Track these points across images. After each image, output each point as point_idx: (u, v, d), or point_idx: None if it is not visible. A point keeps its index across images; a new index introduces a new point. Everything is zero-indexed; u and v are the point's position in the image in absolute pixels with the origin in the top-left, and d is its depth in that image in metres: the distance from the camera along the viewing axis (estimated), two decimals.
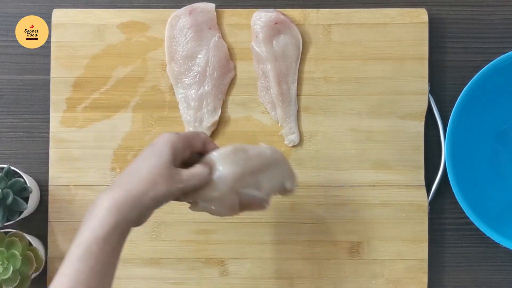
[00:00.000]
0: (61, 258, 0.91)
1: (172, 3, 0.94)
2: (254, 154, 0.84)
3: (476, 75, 0.86)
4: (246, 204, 0.83)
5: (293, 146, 0.92)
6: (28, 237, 0.88)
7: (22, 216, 0.88)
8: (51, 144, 0.92)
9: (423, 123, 0.92)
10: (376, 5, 0.94)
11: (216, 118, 0.92)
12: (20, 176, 0.88)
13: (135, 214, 0.68)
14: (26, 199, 0.87)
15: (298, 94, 0.92)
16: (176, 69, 0.92)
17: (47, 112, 0.93)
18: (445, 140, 0.86)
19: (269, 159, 0.83)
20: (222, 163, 0.78)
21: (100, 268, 0.65)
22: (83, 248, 0.65)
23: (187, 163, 0.75)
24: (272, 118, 0.92)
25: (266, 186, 0.83)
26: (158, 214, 0.91)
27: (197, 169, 0.74)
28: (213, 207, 0.78)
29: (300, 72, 0.92)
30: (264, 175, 0.83)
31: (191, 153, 0.76)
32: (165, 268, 0.91)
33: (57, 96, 0.92)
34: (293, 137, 0.91)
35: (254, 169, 0.81)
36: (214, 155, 0.77)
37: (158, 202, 0.71)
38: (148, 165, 0.70)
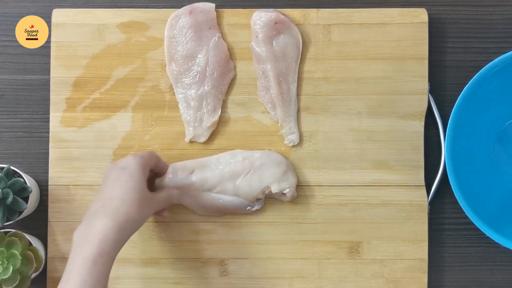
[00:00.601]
0: (61, 258, 0.91)
1: (172, 3, 0.94)
2: (240, 158, 0.89)
3: (476, 75, 0.86)
4: (225, 208, 0.89)
5: (293, 146, 0.92)
6: (28, 237, 0.88)
7: (22, 216, 0.88)
8: (51, 144, 0.92)
9: (423, 123, 0.92)
10: (376, 5, 0.94)
11: (216, 118, 0.92)
12: (20, 176, 0.88)
13: (131, 233, 0.79)
14: (26, 199, 0.87)
15: (298, 94, 0.92)
16: (176, 69, 0.92)
17: (47, 112, 0.93)
18: (445, 140, 0.86)
19: (255, 163, 0.89)
20: (199, 170, 0.89)
21: (103, 278, 0.75)
22: (90, 261, 0.73)
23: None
24: (272, 118, 0.92)
25: (245, 190, 0.88)
26: None
27: (163, 194, 0.86)
28: (192, 209, 0.91)
29: (300, 72, 0.92)
30: (246, 179, 0.88)
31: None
32: (164, 268, 0.91)
33: (57, 96, 0.92)
34: (293, 137, 0.91)
35: (234, 174, 0.88)
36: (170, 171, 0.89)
37: (143, 222, 0.82)
38: (132, 189, 0.80)
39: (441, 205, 0.93)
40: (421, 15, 0.92)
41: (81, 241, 0.75)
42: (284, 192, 0.89)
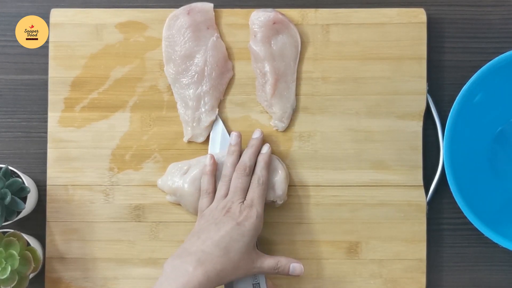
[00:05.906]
0: (59, 258, 0.91)
1: (170, 3, 0.94)
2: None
3: (474, 75, 0.86)
4: None
5: (291, 147, 0.92)
6: (26, 237, 0.88)
7: (20, 216, 0.88)
8: (49, 144, 0.92)
9: (421, 123, 0.92)
10: (374, 5, 0.93)
11: (214, 118, 0.92)
12: (18, 176, 0.88)
13: (217, 284, 0.79)
14: (24, 199, 0.87)
15: (297, 94, 0.92)
16: (174, 69, 0.92)
17: (45, 112, 0.93)
18: (443, 140, 0.86)
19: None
20: None
21: None
22: None
23: None
24: (269, 113, 0.92)
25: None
26: (156, 214, 0.92)
27: (270, 262, 0.84)
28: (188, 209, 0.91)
29: (298, 72, 0.92)
30: None
31: None
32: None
33: (55, 96, 0.92)
34: (280, 125, 0.91)
35: None
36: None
37: (232, 281, 0.82)
38: (237, 248, 0.81)
39: (440, 205, 0.93)
40: (419, 15, 0.92)
41: (169, 275, 0.78)
42: (274, 197, 0.89)
